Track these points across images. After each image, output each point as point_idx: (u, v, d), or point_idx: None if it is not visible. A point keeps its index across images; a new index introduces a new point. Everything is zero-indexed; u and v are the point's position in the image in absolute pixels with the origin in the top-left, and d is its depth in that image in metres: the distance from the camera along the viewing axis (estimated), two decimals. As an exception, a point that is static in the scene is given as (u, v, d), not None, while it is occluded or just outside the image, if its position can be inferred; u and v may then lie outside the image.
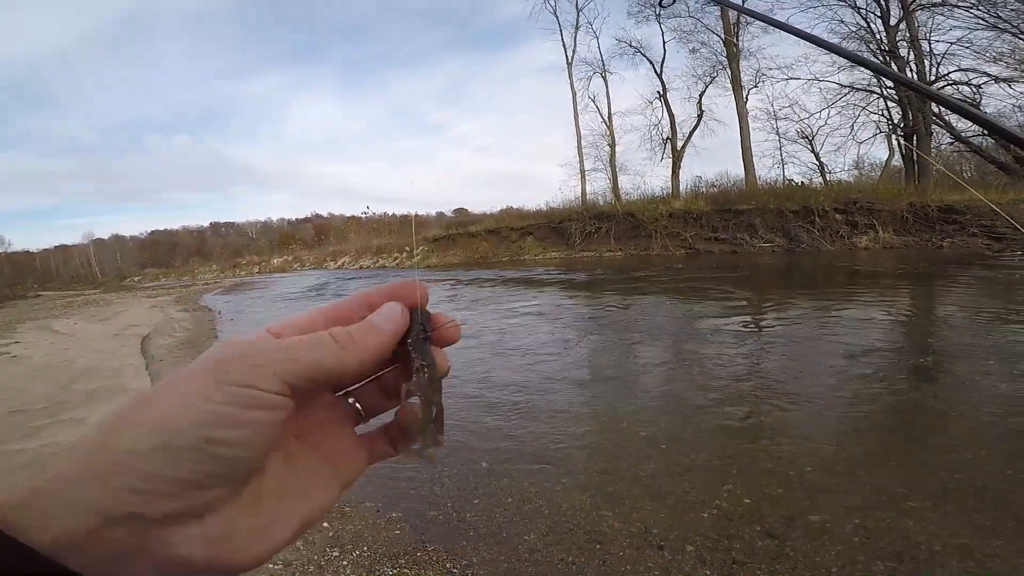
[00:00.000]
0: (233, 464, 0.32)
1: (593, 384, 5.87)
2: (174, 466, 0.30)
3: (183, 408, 0.31)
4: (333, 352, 0.36)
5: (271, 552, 0.35)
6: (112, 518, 0.29)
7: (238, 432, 0.31)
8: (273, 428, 0.33)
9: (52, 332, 13.78)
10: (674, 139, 29.89)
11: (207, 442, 0.31)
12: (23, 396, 6.91)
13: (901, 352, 6.18)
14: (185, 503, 0.30)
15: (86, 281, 59.64)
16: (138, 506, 0.29)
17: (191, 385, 0.32)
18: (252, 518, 0.34)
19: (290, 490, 0.37)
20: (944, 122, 22.29)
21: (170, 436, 0.30)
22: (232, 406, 0.32)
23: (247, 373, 0.32)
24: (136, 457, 0.30)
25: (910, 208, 18.10)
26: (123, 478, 0.29)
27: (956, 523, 2.83)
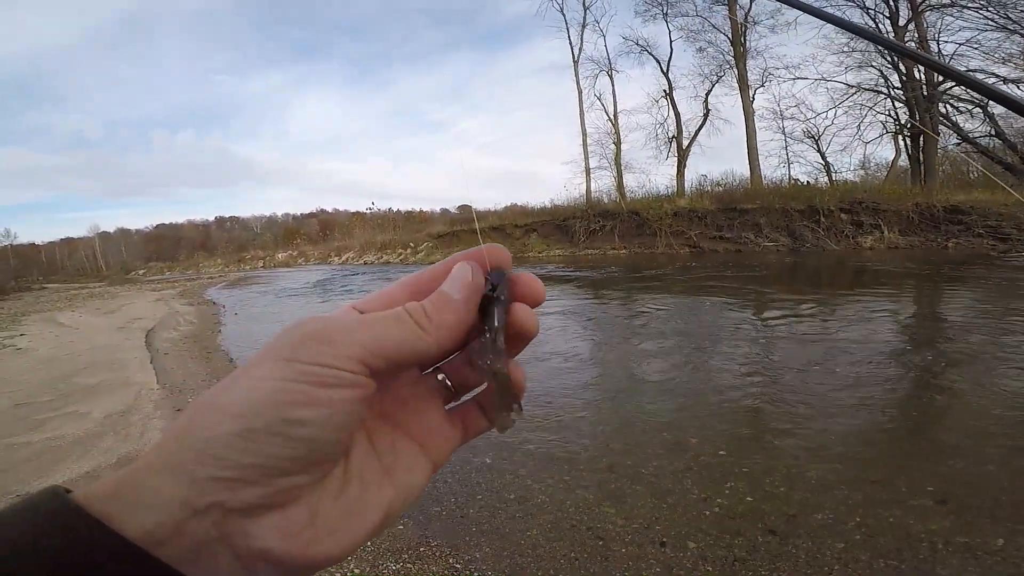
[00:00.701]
0: (313, 447, 0.31)
1: (598, 381, 5.88)
2: (254, 451, 0.29)
3: (257, 391, 0.30)
4: (411, 332, 0.34)
5: (354, 544, 0.34)
6: (197, 509, 0.28)
7: (315, 411, 0.30)
8: (353, 407, 0.32)
9: (57, 325, 13.85)
10: (680, 138, 29.84)
11: (284, 423, 0.29)
12: (28, 389, 6.95)
13: (905, 351, 6.16)
14: (267, 491, 0.30)
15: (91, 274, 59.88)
16: (220, 495, 0.29)
17: (263, 368, 0.31)
18: (335, 506, 0.33)
19: (374, 475, 0.36)
20: (951, 123, 22.20)
21: (247, 420, 0.29)
22: (306, 384, 0.30)
23: (319, 352, 0.31)
24: (215, 445, 0.29)
25: (915, 208, 18.05)
26: (204, 467, 0.29)
27: (958, 521, 2.83)
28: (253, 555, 0.30)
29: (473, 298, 0.37)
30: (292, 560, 0.30)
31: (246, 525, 0.29)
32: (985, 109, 21.08)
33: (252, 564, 0.30)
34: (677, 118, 29.96)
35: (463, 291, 0.37)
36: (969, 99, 21.40)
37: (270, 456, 0.29)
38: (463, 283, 0.37)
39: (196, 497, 0.28)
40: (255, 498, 0.29)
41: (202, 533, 0.29)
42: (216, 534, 0.29)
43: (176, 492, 0.28)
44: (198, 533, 0.29)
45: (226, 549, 0.29)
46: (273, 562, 0.30)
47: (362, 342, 0.32)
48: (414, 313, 0.35)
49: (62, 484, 0.30)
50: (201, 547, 0.29)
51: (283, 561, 0.30)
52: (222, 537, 0.29)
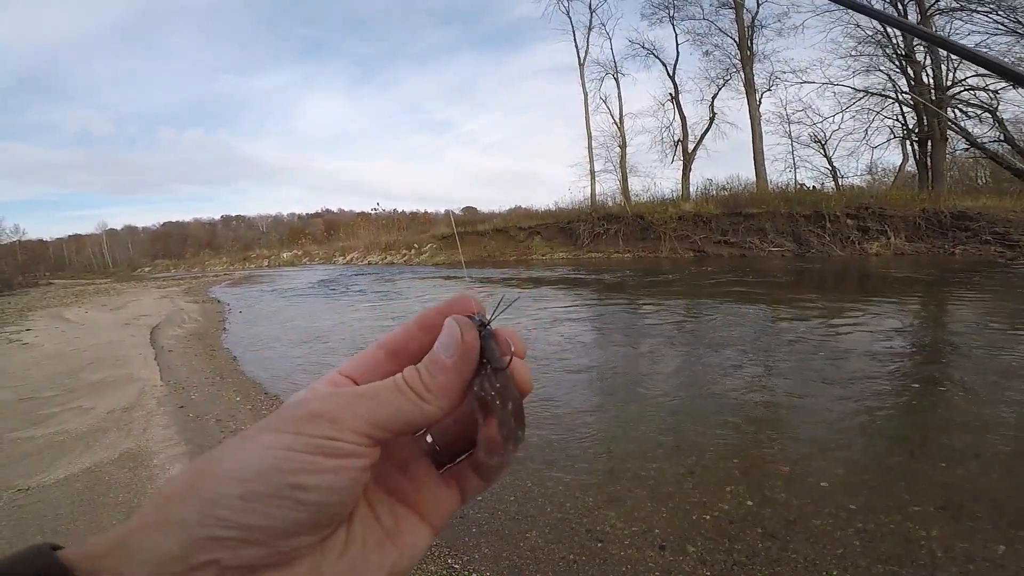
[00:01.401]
0: (320, 511, 0.31)
1: (600, 384, 5.87)
2: (259, 513, 0.30)
3: (265, 457, 0.31)
4: (411, 402, 0.35)
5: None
6: (191, 565, 0.28)
7: (323, 478, 0.31)
8: (357, 474, 0.33)
9: (63, 320, 13.94)
10: (685, 141, 29.78)
11: (292, 488, 0.30)
12: (33, 384, 7.00)
13: (909, 357, 6.14)
14: (269, 551, 0.30)
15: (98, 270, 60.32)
16: (219, 553, 0.29)
17: (266, 437, 0.32)
18: (339, 564, 0.33)
19: (376, 537, 0.36)
20: (959, 127, 22.09)
21: (254, 484, 0.30)
22: (311, 454, 0.31)
23: (326, 428, 0.32)
24: (217, 506, 0.29)
25: (922, 214, 17.96)
26: (207, 526, 0.29)
27: (959, 528, 2.81)
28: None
29: (468, 358, 0.37)
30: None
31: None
32: (994, 113, 20.97)
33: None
34: (683, 121, 29.93)
35: (456, 353, 0.37)
36: (979, 104, 21.30)
37: (276, 518, 0.30)
38: (455, 345, 0.37)
39: (194, 554, 0.29)
40: (255, 558, 0.30)
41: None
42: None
43: (173, 549, 0.29)
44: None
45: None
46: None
47: (365, 416, 0.33)
48: (412, 382, 0.35)
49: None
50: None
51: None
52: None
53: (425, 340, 0.39)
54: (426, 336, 0.39)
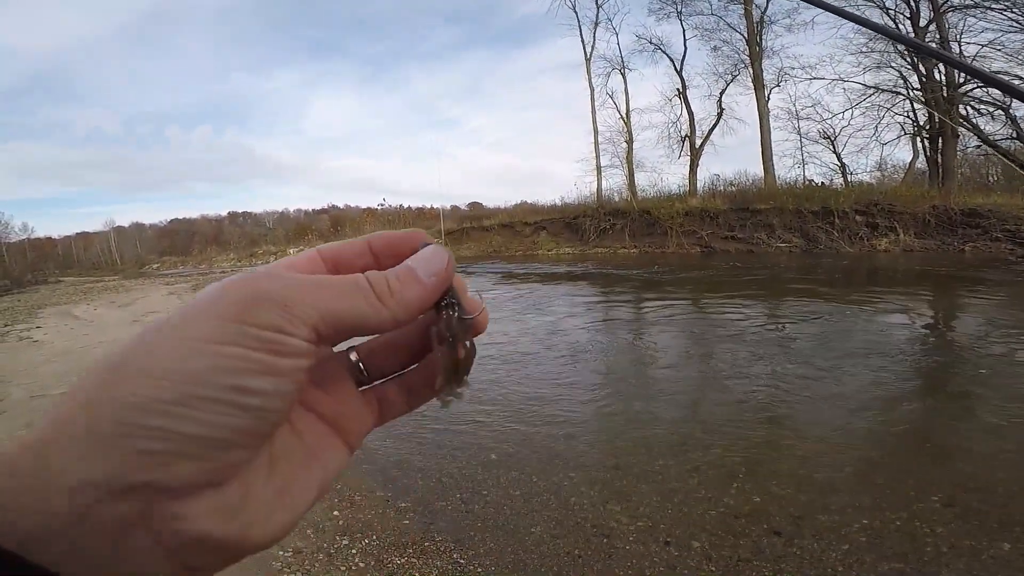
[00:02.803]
0: (260, 418, 0.27)
1: (606, 379, 5.87)
2: (198, 420, 0.25)
3: (204, 354, 0.26)
4: (370, 304, 0.31)
5: (292, 523, 0.31)
6: (114, 490, 0.24)
7: (269, 381, 0.27)
8: (301, 377, 0.29)
9: (72, 318, 14.05)
10: (693, 137, 29.59)
11: (236, 391, 0.26)
12: (43, 380, 7.07)
13: (917, 355, 6.11)
14: (206, 466, 0.26)
15: (106, 268, 60.65)
16: (150, 472, 0.24)
17: (206, 327, 0.27)
18: (268, 486, 0.30)
19: (299, 455, 0.33)
20: (971, 125, 21.86)
21: (192, 386, 0.25)
22: (262, 352, 0.27)
23: (277, 316, 0.28)
24: (148, 412, 0.25)
25: (932, 211, 17.81)
26: (134, 439, 0.24)
27: (965, 526, 2.81)
28: (184, 541, 0.26)
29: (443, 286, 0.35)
30: (231, 544, 0.27)
31: (177, 508, 0.25)
32: (1007, 111, 20.74)
33: (181, 551, 0.26)
34: (690, 117, 29.72)
35: (437, 277, 0.34)
36: (991, 101, 21.07)
37: (214, 426, 0.26)
38: (438, 268, 0.34)
39: (117, 476, 0.24)
40: (193, 475, 0.25)
41: (118, 520, 0.24)
42: (136, 519, 0.25)
43: (88, 471, 0.24)
44: (112, 520, 0.24)
45: (147, 535, 0.25)
46: (210, 548, 0.27)
47: (318, 307, 0.29)
48: (376, 285, 0.32)
49: None
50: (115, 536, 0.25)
51: (221, 546, 0.27)
52: (143, 522, 0.25)
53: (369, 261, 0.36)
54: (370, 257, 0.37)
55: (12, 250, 61.55)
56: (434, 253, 0.35)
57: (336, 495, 3.62)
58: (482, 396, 5.32)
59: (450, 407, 0.39)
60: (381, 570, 2.82)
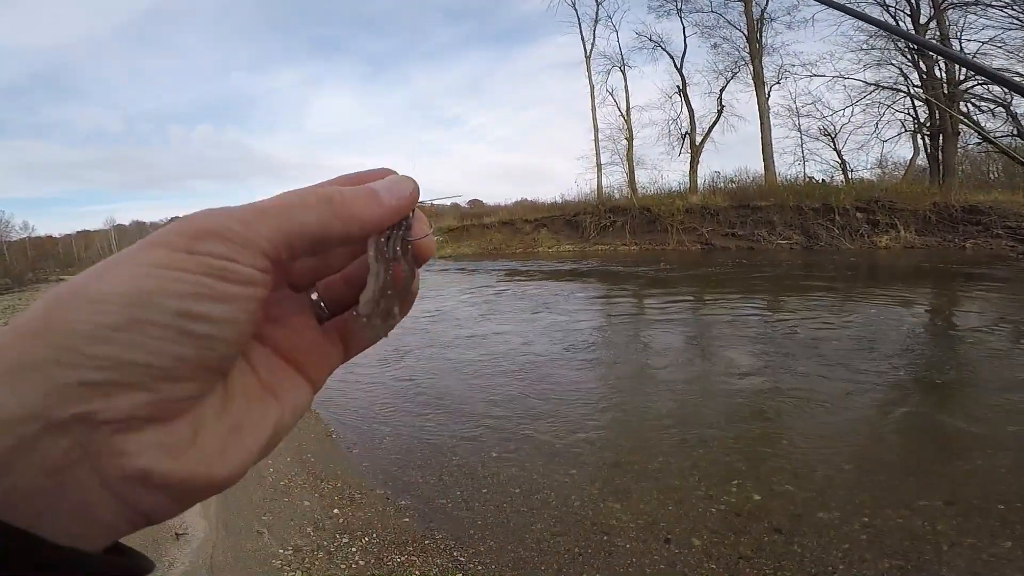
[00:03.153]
0: (211, 346, 0.26)
1: (606, 377, 5.87)
2: (143, 347, 0.24)
3: (152, 278, 0.25)
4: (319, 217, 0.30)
5: (245, 465, 0.29)
6: (53, 423, 0.23)
7: (219, 307, 0.26)
8: (255, 306, 0.28)
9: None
10: (693, 134, 29.57)
11: (183, 316, 0.25)
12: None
13: (918, 352, 6.10)
14: (152, 398, 0.24)
15: (107, 266, 60.67)
16: (91, 403, 0.23)
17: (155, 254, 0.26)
18: (220, 423, 0.28)
19: (256, 392, 0.32)
20: (972, 122, 21.83)
21: (140, 310, 0.24)
22: (210, 278, 0.26)
23: (225, 246, 0.27)
24: (88, 340, 0.23)
25: (933, 208, 17.80)
26: (72, 368, 0.23)
27: (966, 524, 2.80)
28: (128, 478, 0.24)
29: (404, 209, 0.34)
30: (178, 482, 0.26)
31: (120, 442, 0.24)
32: (1008, 108, 20.70)
33: (126, 490, 0.25)
34: (691, 114, 29.69)
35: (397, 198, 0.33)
36: (992, 98, 21.03)
37: (160, 354, 0.24)
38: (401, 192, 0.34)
39: (56, 407, 0.22)
40: (136, 407, 0.24)
41: (58, 455, 0.23)
42: (78, 455, 0.23)
43: (26, 402, 0.22)
44: (53, 455, 0.23)
45: (91, 473, 0.24)
46: (154, 486, 0.25)
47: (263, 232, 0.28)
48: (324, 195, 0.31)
49: None
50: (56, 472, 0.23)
51: (167, 484, 0.25)
52: (86, 458, 0.23)
53: None
54: None
55: (13, 249, 61.61)
56: (400, 179, 0.35)
57: (336, 493, 3.62)
58: (481, 394, 5.32)
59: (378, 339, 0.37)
60: (381, 568, 2.82)
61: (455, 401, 5.17)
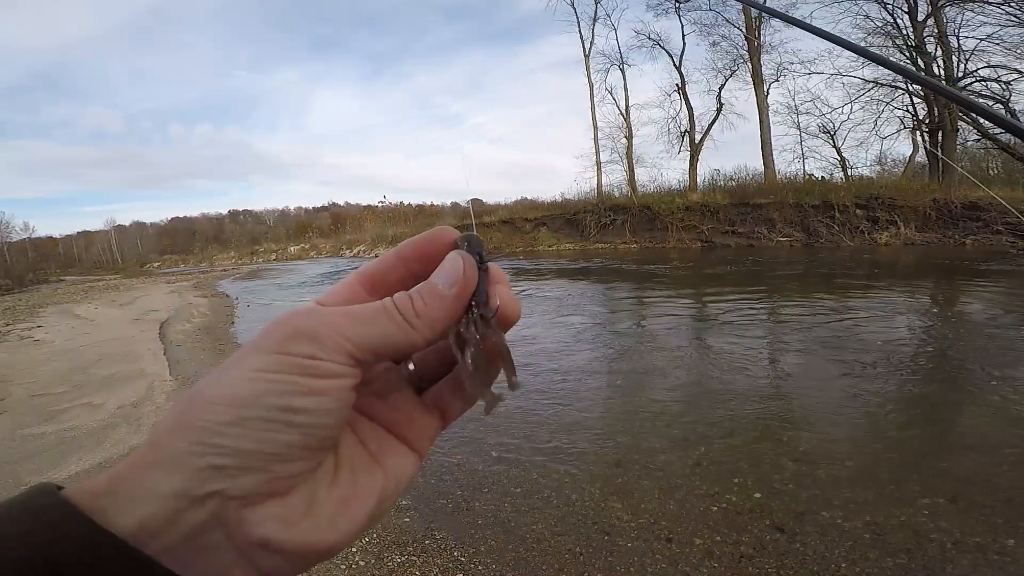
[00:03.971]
0: (312, 433, 0.31)
1: (608, 376, 5.86)
2: (254, 438, 0.29)
3: (252, 381, 0.30)
4: (399, 327, 0.34)
5: (352, 533, 0.34)
6: (195, 498, 0.29)
7: (311, 400, 0.31)
8: (345, 394, 0.32)
9: (73, 317, 14.04)
10: (692, 132, 29.54)
11: (283, 411, 0.30)
12: (44, 380, 7.06)
13: (920, 349, 6.09)
14: (266, 477, 0.30)
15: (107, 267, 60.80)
16: (219, 483, 0.29)
17: (255, 360, 0.31)
18: (331, 494, 0.33)
19: (364, 463, 0.36)
20: (971, 118, 21.80)
21: (245, 409, 0.30)
22: (303, 376, 0.31)
23: (310, 346, 0.31)
24: (211, 433, 0.29)
25: (933, 204, 17.80)
26: (203, 456, 0.29)
27: (969, 521, 2.79)
28: (252, 544, 0.30)
29: (466, 295, 0.36)
30: (292, 548, 0.31)
31: (245, 514, 0.30)
32: (1007, 104, 20.69)
33: (251, 553, 0.30)
34: (690, 112, 29.66)
35: (458, 287, 0.36)
36: (991, 95, 21.01)
37: (267, 442, 0.30)
38: (457, 277, 0.36)
39: (194, 486, 0.29)
40: (255, 485, 0.29)
41: (199, 523, 0.29)
42: (214, 523, 0.29)
43: (173, 483, 0.28)
44: (196, 523, 0.29)
45: (225, 539, 0.29)
46: (273, 551, 0.30)
47: (349, 337, 0.32)
48: (402, 308, 0.34)
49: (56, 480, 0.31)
50: (199, 536, 0.29)
51: (283, 550, 0.30)
52: (220, 526, 0.29)
53: (404, 272, 0.38)
54: (405, 268, 0.38)
55: (13, 249, 61.68)
56: (452, 261, 0.37)
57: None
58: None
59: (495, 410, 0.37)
60: (381, 568, 2.81)
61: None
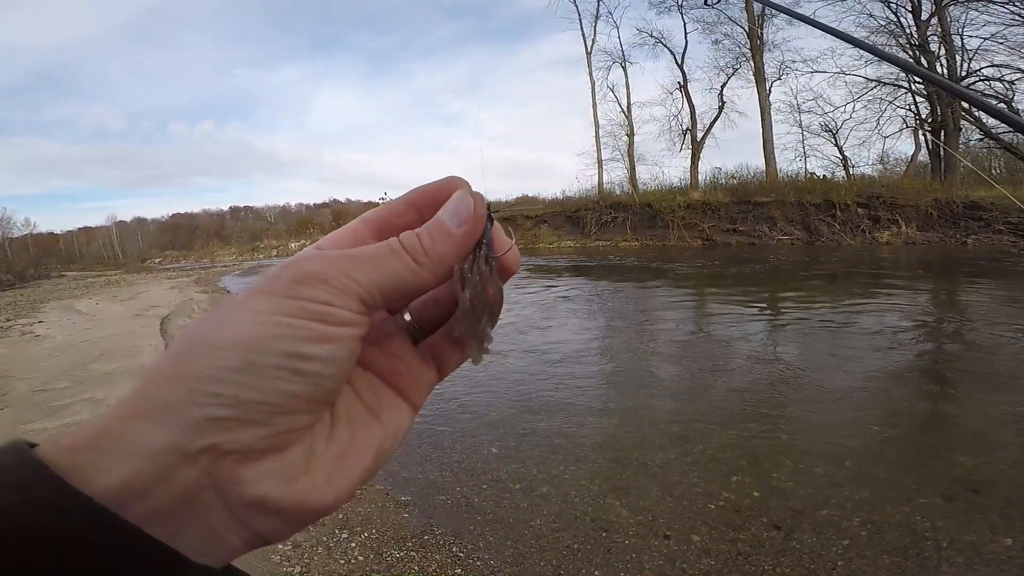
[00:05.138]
0: (319, 383, 0.29)
1: (607, 373, 5.87)
2: (260, 387, 0.27)
3: (264, 325, 0.28)
4: (407, 267, 0.32)
5: (350, 489, 0.32)
6: (188, 454, 0.26)
7: (323, 347, 0.29)
8: (355, 343, 0.31)
9: (75, 312, 14.07)
10: (694, 130, 29.51)
11: (294, 358, 0.28)
12: (46, 375, 7.08)
13: (920, 348, 6.09)
14: (268, 431, 0.28)
15: (108, 262, 60.87)
16: (217, 436, 0.26)
17: (263, 302, 0.29)
18: (328, 449, 0.31)
19: (361, 416, 0.34)
20: (973, 118, 21.76)
21: (254, 354, 0.27)
22: (312, 321, 0.29)
23: (322, 290, 0.30)
24: (212, 381, 0.27)
25: (935, 204, 17.77)
26: (200, 407, 0.26)
27: (966, 520, 2.80)
28: (248, 504, 0.28)
29: (475, 231, 0.34)
30: (290, 508, 0.29)
31: (241, 471, 0.27)
32: (1010, 104, 20.64)
33: (246, 514, 0.28)
34: (691, 110, 29.63)
35: (466, 224, 0.34)
36: (994, 94, 20.97)
37: (275, 392, 0.28)
38: (466, 215, 0.34)
39: (189, 441, 0.26)
40: (255, 439, 0.27)
41: (191, 481, 0.26)
42: (207, 482, 0.27)
43: (164, 437, 0.26)
44: (186, 482, 0.26)
45: (217, 499, 0.27)
46: (270, 511, 0.28)
47: (358, 280, 0.31)
48: (410, 246, 0.33)
49: None
50: (189, 497, 0.26)
51: (281, 509, 0.29)
52: (213, 485, 0.27)
53: (413, 218, 0.36)
54: (414, 214, 0.37)
55: (15, 245, 61.68)
56: (460, 199, 0.35)
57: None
58: (483, 388, 5.31)
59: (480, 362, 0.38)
60: (380, 563, 2.82)
61: (455, 397, 5.17)
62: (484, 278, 0.35)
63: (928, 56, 21.83)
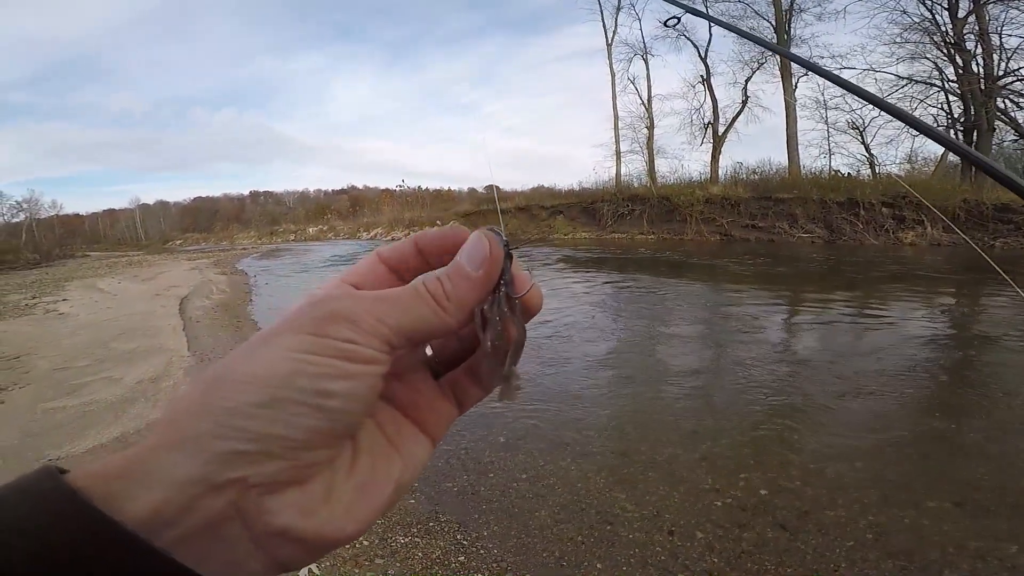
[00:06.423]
0: (340, 419, 0.30)
1: (618, 367, 5.85)
2: (282, 423, 0.28)
3: (285, 361, 0.29)
4: (431, 311, 0.33)
5: (369, 520, 0.33)
6: (214, 485, 0.27)
7: (345, 384, 0.30)
8: (377, 381, 0.32)
9: (97, 291, 14.35)
10: (716, 124, 29.10)
11: (316, 394, 0.29)
12: (67, 353, 7.24)
13: (935, 352, 5.99)
14: (290, 464, 0.29)
15: (131, 243, 62.01)
16: (242, 469, 0.28)
17: (285, 339, 0.30)
18: (349, 481, 0.32)
19: (382, 449, 0.35)
20: (1009, 118, 21.17)
21: (277, 390, 0.28)
22: (337, 359, 0.30)
23: (346, 330, 0.31)
24: (237, 416, 0.28)
25: (963, 205, 17.35)
26: (227, 440, 0.28)
27: (973, 526, 2.77)
28: (270, 534, 0.29)
29: (493, 273, 0.35)
30: (311, 538, 0.30)
31: (265, 502, 0.28)
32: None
33: (268, 543, 0.29)
34: (714, 104, 29.21)
35: (484, 266, 0.35)
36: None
37: (298, 428, 0.29)
38: (483, 257, 0.35)
39: (215, 472, 0.27)
40: (278, 472, 0.28)
41: (217, 511, 0.28)
42: (232, 512, 0.28)
43: (192, 468, 0.27)
44: (213, 511, 0.27)
45: (242, 528, 0.28)
46: (291, 541, 0.29)
47: (386, 322, 0.32)
48: (433, 291, 0.34)
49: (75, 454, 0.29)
50: (215, 526, 0.28)
51: (302, 539, 0.30)
52: (238, 515, 0.28)
53: (420, 264, 0.38)
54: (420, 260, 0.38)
55: (42, 226, 63.07)
56: (476, 241, 0.36)
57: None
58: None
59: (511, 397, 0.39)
60: (385, 548, 2.87)
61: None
62: (505, 319, 0.36)
63: (964, 55, 21.22)
